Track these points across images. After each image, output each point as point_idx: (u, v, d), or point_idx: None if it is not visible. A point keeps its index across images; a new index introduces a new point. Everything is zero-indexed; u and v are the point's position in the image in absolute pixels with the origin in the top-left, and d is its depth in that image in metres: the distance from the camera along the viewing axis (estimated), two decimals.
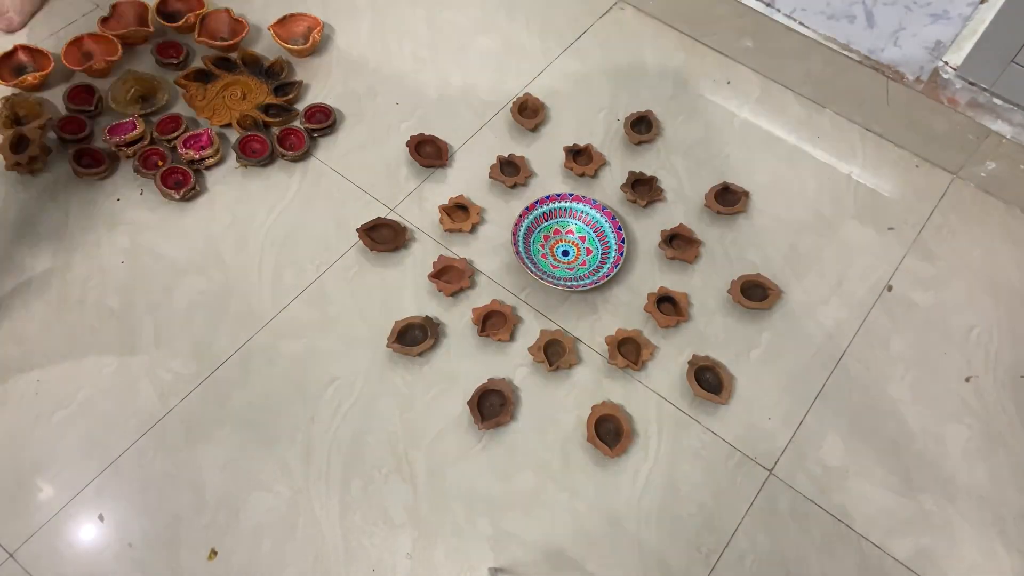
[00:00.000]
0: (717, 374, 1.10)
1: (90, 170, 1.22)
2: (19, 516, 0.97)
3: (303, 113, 1.31)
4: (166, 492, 0.99)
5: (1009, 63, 1.17)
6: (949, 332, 1.17)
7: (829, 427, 1.08)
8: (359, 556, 0.96)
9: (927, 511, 1.02)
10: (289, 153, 1.26)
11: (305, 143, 1.28)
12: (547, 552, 0.98)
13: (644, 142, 1.34)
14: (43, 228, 1.19)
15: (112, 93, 1.31)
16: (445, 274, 1.17)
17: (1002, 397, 1.11)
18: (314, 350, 1.10)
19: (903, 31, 1.25)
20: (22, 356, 1.08)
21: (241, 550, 0.96)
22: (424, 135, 1.31)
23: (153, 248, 1.19)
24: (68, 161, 1.23)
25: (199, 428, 1.04)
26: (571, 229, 1.22)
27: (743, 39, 1.43)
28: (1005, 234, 1.28)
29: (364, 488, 1.01)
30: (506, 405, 1.06)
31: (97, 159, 1.24)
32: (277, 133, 1.29)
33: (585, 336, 1.14)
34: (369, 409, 1.06)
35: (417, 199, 1.26)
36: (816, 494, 1.03)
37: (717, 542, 0.99)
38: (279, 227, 1.22)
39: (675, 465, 1.04)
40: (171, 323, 1.12)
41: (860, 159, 1.35)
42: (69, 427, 1.03)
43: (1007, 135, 1.25)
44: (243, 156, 1.25)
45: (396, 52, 1.44)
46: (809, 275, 1.21)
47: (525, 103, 1.36)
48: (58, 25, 1.44)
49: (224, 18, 1.42)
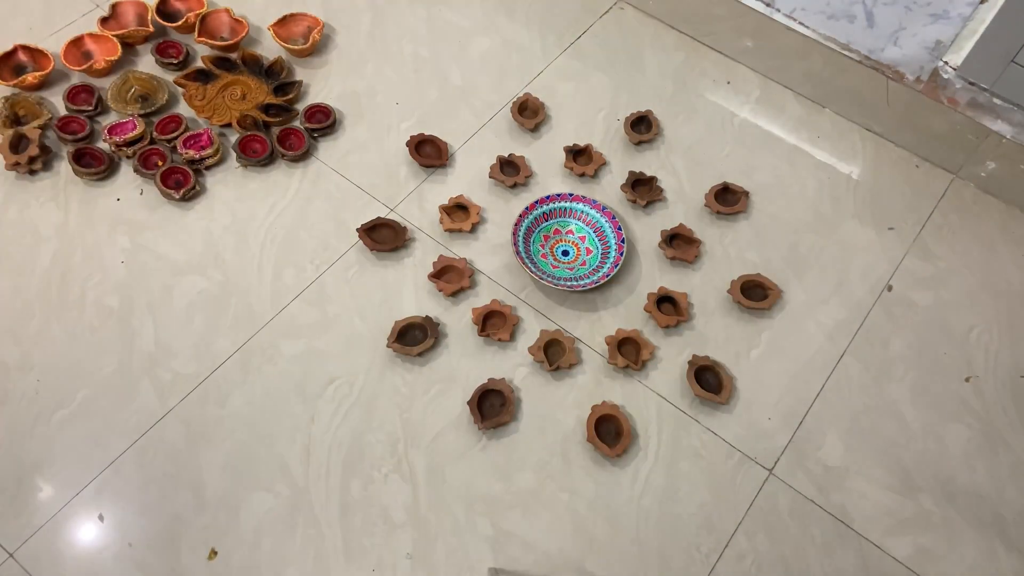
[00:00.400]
0: (717, 374, 1.10)
1: (90, 170, 1.22)
2: (19, 516, 0.97)
3: (303, 113, 1.31)
4: (166, 492, 0.99)
5: (1009, 63, 1.17)
6: (949, 332, 1.17)
7: (829, 427, 1.08)
8: (359, 556, 0.96)
9: (927, 511, 1.02)
10: (289, 153, 1.26)
11: (305, 143, 1.28)
12: (547, 552, 0.98)
13: (644, 142, 1.34)
14: (43, 228, 1.19)
15: (112, 93, 1.31)
16: (445, 274, 1.17)
17: (1002, 397, 1.11)
18: (314, 350, 1.10)
19: (903, 31, 1.25)
20: (22, 356, 1.08)
21: (241, 550, 0.96)
22: (424, 135, 1.31)
23: (153, 248, 1.19)
24: (68, 161, 1.23)
25: (199, 428, 1.04)
26: (571, 229, 1.22)
27: (743, 39, 1.43)
28: (1005, 234, 1.28)
29: (364, 488, 1.01)
30: (506, 405, 1.06)
31: (97, 159, 1.24)
32: (277, 133, 1.29)
33: (585, 336, 1.14)
34: (369, 409, 1.06)
35: (417, 199, 1.26)
36: (816, 494, 1.03)
37: (717, 542, 0.99)
38: (279, 227, 1.22)
39: (675, 465, 1.04)
40: (171, 323, 1.12)
41: (860, 159, 1.35)
42: (69, 427, 1.03)
43: (1007, 135, 1.25)
44: (243, 156, 1.25)
45: (396, 52, 1.44)
46: (809, 275, 1.21)
47: (525, 103, 1.36)
48: (58, 25, 1.44)
49: (224, 18, 1.42)
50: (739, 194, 1.27)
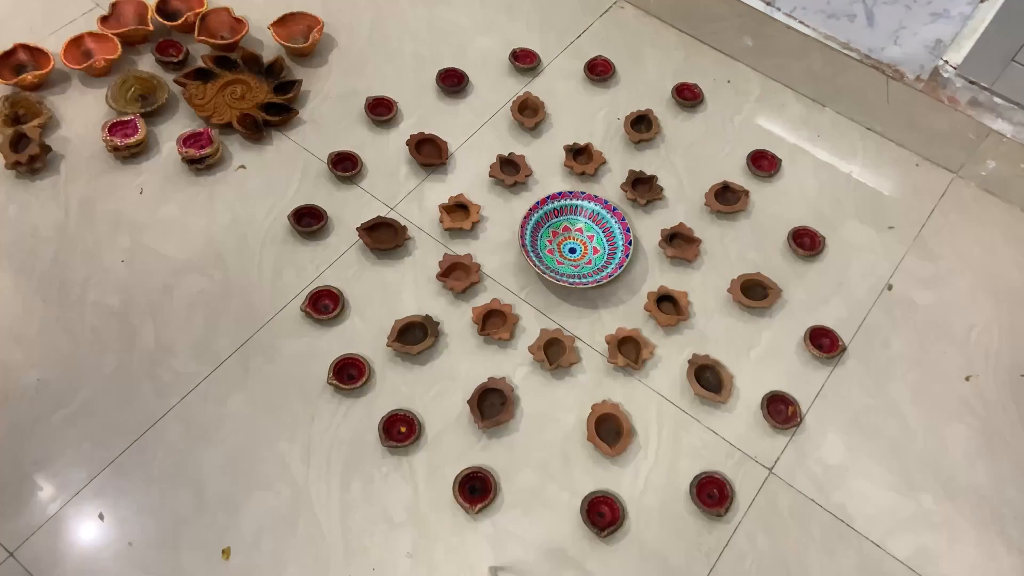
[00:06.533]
0: (717, 373, 1.10)
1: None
2: (19, 515, 0.97)
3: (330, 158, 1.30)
4: (166, 491, 0.99)
5: (1010, 62, 1.17)
6: (949, 331, 1.17)
7: (829, 426, 1.08)
8: (359, 555, 0.96)
9: (927, 510, 1.02)
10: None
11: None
12: (547, 552, 0.98)
13: (644, 141, 1.34)
14: (43, 228, 1.19)
15: (112, 92, 1.31)
16: (452, 272, 1.17)
17: (1002, 396, 1.11)
18: (314, 349, 1.10)
19: (903, 30, 1.25)
20: (22, 356, 1.08)
21: (241, 549, 0.96)
22: (424, 134, 1.31)
23: (153, 247, 1.19)
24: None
25: (199, 427, 1.04)
26: (580, 227, 1.22)
27: (743, 38, 1.43)
28: (1005, 233, 1.28)
29: (364, 488, 1.01)
30: (506, 404, 1.06)
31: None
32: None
33: (585, 335, 1.14)
34: (369, 408, 1.06)
35: (417, 198, 1.26)
36: (816, 493, 1.03)
37: (717, 541, 0.99)
38: (279, 226, 1.22)
39: (675, 464, 1.04)
40: (171, 322, 1.12)
41: (860, 158, 1.35)
42: (69, 426, 1.03)
43: (1007, 134, 1.25)
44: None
45: (396, 51, 1.44)
46: (809, 274, 1.21)
47: (525, 102, 1.36)
48: (58, 24, 1.43)
49: (224, 17, 1.41)
50: (739, 193, 1.27)
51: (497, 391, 1.07)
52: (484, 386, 1.07)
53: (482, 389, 1.07)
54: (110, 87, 1.32)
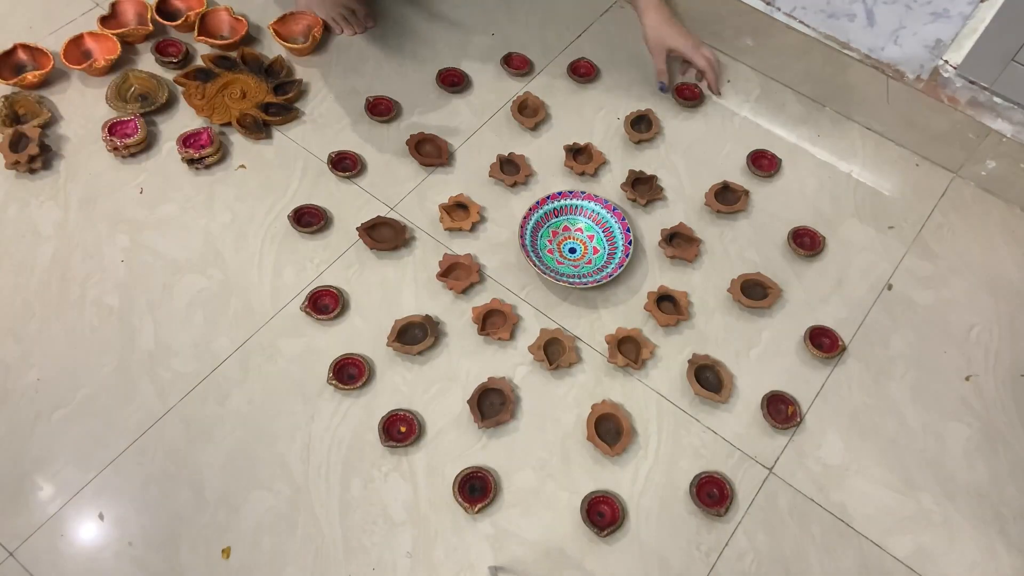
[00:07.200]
0: (717, 373, 1.10)
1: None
2: (19, 514, 0.97)
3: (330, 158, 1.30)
4: (166, 491, 0.99)
5: (1009, 62, 1.17)
6: (949, 331, 1.17)
7: (829, 426, 1.08)
8: (359, 555, 0.96)
9: (927, 509, 1.02)
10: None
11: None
12: (547, 551, 0.98)
13: (644, 141, 1.34)
14: (43, 227, 1.19)
15: (111, 92, 1.31)
16: (452, 271, 1.17)
17: (1002, 396, 1.11)
18: (314, 349, 1.10)
19: (903, 30, 1.25)
20: (22, 356, 1.08)
21: (241, 549, 0.96)
22: (424, 134, 1.31)
23: (153, 247, 1.19)
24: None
25: (199, 427, 1.04)
26: (580, 227, 1.22)
27: (743, 37, 1.43)
28: (1005, 233, 1.28)
29: (364, 487, 1.01)
30: (506, 404, 1.06)
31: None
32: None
33: (585, 335, 1.14)
34: (369, 408, 1.06)
35: (417, 198, 1.26)
36: (816, 493, 1.03)
37: (717, 541, 0.99)
38: (279, 226, 1.22)
39: (675, 464, 1.04)
40: (171, 322, 1.12)
41: (860, 158, 1.35)
42: (69, 426, 1.03)
43: (1007, 134, 1.25)
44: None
45: (396, 50, 1.44)
46: (809, 274, 1.21)
47: (525, 102, 1.36)
48: (58, 23, 1.43)
49: (224, 16, 1.42)
50: (739, 193, 1.27)
51: (497, 391, 1.07)
52: (484, 386, 1.07)
53: (482, 389, 1.07)
54: (110, 87, 1.32)
